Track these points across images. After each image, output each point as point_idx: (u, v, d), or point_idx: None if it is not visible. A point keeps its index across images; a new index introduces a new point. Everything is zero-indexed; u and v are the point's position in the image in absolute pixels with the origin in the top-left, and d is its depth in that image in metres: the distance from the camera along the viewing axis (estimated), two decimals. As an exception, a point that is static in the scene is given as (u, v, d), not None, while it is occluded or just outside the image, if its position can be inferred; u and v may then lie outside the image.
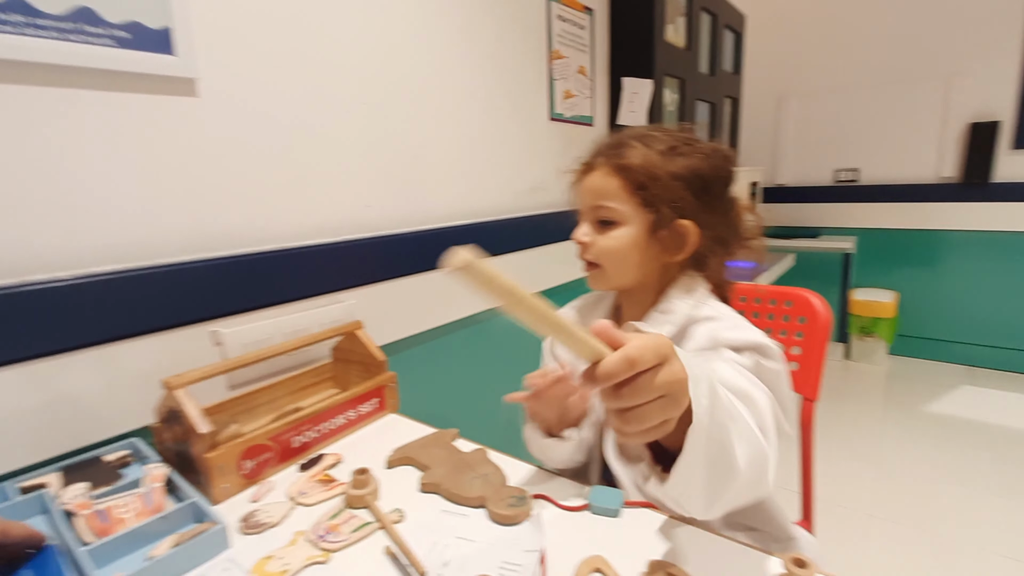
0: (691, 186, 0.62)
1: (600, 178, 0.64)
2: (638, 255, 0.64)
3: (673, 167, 0.62)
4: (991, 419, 2.19)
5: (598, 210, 0.65)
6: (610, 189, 0.63)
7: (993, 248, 2.57)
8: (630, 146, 0.63)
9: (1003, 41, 2.40)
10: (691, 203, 0.62)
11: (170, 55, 0.75)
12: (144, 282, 0.74)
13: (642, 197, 0.62)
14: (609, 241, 0.64)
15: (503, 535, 0.56)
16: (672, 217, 0.62)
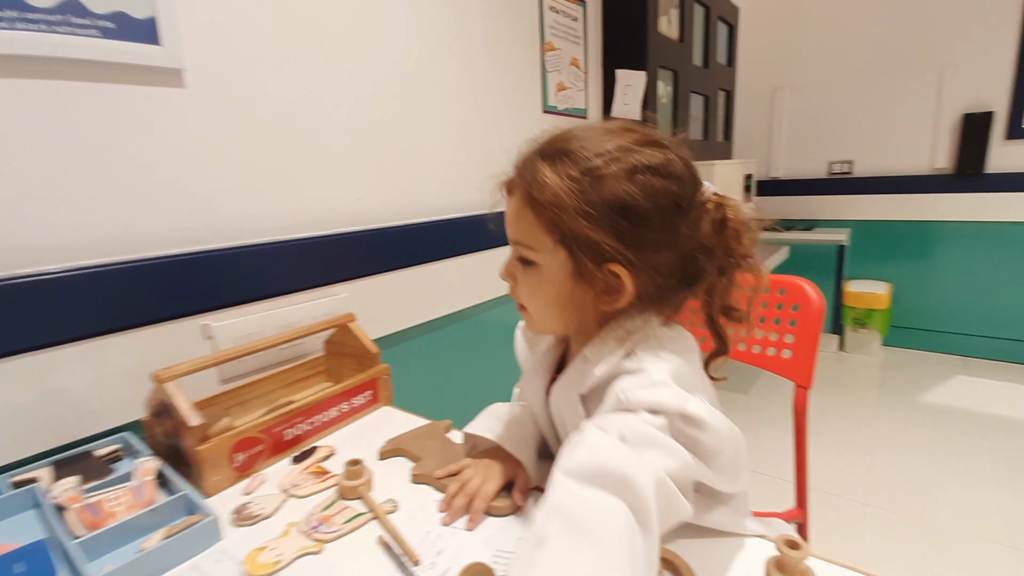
0: (613, 223, 0.47)
1: (515, 207, 0.52)
2: (561, 302, 0.53)
3: (588, 199, 0.47)
4: (985, 408, 2.21)
5: (516, 246, 0.54)
6: (523, 224, 0.51)
7: (986, 238, 2.58)
8: (542, 169, 0.49)
9: (997, 31, 2.40)
10: (613, 245, 0.47)
11: (156, 45, 0.74)
12: (134, 275, 0.73)
13: (558, 236, 0.49)
14: (528, 287, 0.54)
15: (496, 524, 0.56)
16: (596, 262, 0.48)
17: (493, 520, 0.57)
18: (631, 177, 0.47)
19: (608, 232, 0.47)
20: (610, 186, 0.47)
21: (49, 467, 0.64)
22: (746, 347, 0.90)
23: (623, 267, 0.48)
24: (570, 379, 0.55)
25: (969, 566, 1.39)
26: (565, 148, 0.49)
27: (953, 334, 2.75)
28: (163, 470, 0.63)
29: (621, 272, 0.48)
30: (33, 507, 0.61)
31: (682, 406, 0.42)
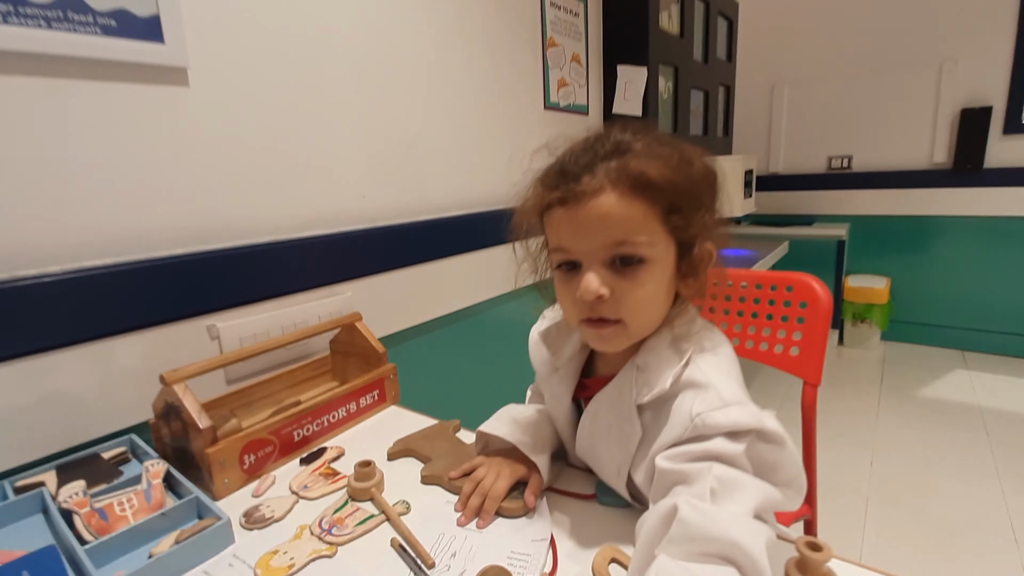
0: (706, 197, 0.50)
1: (617, 204, 0.46)
2: (664, 297, 0.51)
3: (693, 175, 0.49)
4: (985, 402, 2.22)
5: (619, 247, 0.47)
6: (635, 217, 0.47)
7: (985, 233, 2.59)
8: (634, 154, 0.47)
9: (995, 26, 2.40)
10: (707, 217, 0.49)
11: (159, 43, 0.73)
12: (138, 276, 0.73)
13: (673, 223, 0.48)
14: (639, 290, 0.48)
15: (510, 525, 0.56)
16: (694, 240, 0.49)
17: (506, 521, 0.56)
18: (699, 160, 0.50)
19: (708, 208, 0.50)
20: (696, 168, 0.49)
21: (53, 471, 0.64)
22: (753, 344, 0.90)
23: (711, 242, 0.50)
24: (622, 389, 0.53)
25: (971, 559, 1.40)
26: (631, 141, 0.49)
27: (952, 328, 2.76)
28: (171, 472, 0.62)
29: (711, 247, 0.50)
30: (38, 512, 0.60)
31: (760, 423, 0.43)
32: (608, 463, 0.56)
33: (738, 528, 0.38)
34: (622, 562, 0.45)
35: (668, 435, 0.46)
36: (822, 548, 0.40)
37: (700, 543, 0.38)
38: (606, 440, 0.55)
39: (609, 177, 0.47)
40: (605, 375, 0.57)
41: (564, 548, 0.52)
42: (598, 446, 0.57)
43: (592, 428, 0.57)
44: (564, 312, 0.54)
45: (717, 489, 0.41)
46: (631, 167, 0.47)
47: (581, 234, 0.48)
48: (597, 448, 0.58)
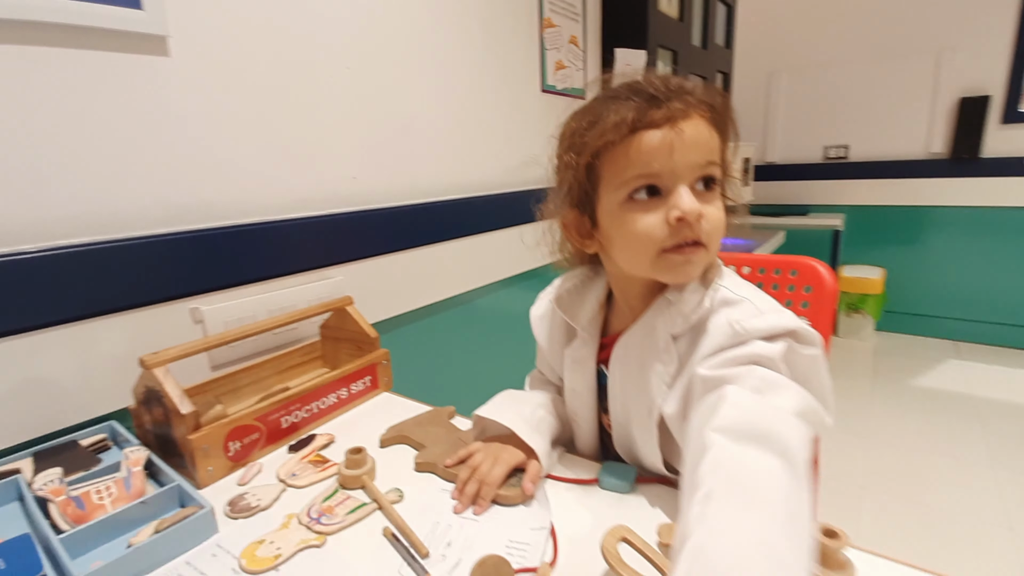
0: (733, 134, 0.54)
1: (704, 127, 0.50)
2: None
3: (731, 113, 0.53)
4: (977, 392, 2.22)
5: (706, 168, 0.50)
6: (714, 143, 0.51)
7: (980, 224, 2.59)
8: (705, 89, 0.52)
9: (994, 15, 2.38)
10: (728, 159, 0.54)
11: (136, 9, 0.69)
12: (118, 255, 0.69)
13: (722, 153, 0.52)
14: (718, 211, 0.51)
15: (508, 514, 0.53)
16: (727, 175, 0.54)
17: (503, 509, 0.54)
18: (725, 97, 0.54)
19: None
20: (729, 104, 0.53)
21: (30, 458, 0.61)
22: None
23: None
24: (654, 324, 0.54)
25: (965, 547, 1.40)
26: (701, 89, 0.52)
27: (945, 319, 2.77)
28: (153, 460, 0.59)
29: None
30: (14, 500, 0.57)
31: (796, 324, 0.47)
32: (639, 407, 0.55)
33: (782, 422, 0.39)
34: (633, 543, 0.43)
35: (707, 346, 0.49)
36: (838, 535, 0.38)
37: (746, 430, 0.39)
38: (638, 380, 0.55)
39: (693, 103, 0.50)
40: (622, 327, 0.58)
41: (566, 535, 0.49)
42: (629, 389, 0.56)
43: (623, 372, 0.57)
44: (637, 245, 0.51)
45: (761, 387, 0.43)
46: (710, 98, 0.51)
47: (679, 153, 0.48)
48: (628, 392, 0.56)
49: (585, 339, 0.61)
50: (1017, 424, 1.96)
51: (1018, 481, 1.64)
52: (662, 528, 0.46)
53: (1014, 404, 2.11)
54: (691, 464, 0.39)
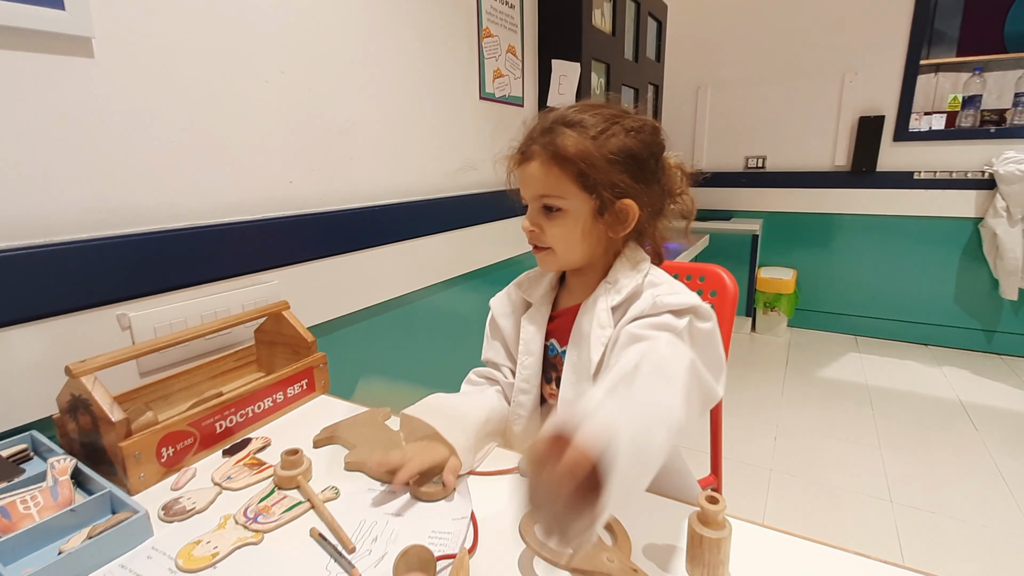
0: (627, 167, 0.63)
1: (539, 168, 0.64)
2: (585, 237, 0.66)
3: (607, 150, 0.62)
4: (872, 382, 2.49)
5: (542, 199, 0.66)
6: (551, 179, 0.64)
7: (878, 230, 2.88)
8: (562, 133, 0.63)
9: (889, 43, 2.66)
10: (628, 183, 0.63)
11: (58, 9, 0.67)
12: (39, 261, 0.68)
13: (582, 183, 0.63)
14: (556, 228, 0.66)
15: (431, 508, 0.57)
16: (613, 199, 0.63)
17: (427, 505, 0.58)
18: (628, 134, 0.64)
19: (623, 174, 0.63)
20: (619, 141, 0.63)
21: (-57, 472, 0.59)
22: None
23: (632, 199, 0.64)
24: (597, 299, 0.67)
25: (854, 518, 1.58)
26: (577, 118, 0.64)
27: (848, 316, 3.06)
28: (80, 468, 0.59)
29: (631, 204, 0.64)
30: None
31: (698, 302, 0.62)
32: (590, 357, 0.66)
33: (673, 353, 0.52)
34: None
35: (634, 311, 0.63)
36: (718, 501, 0.45)
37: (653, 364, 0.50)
38: (589, 339, 0.67)
39: (541, 144, 0.65)
40: (569, 306, 0.72)
41: (491, 523, 0.55)
42: (582, 344, 0.68)
43: (579, 331, 0.69)
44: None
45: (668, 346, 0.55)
46: (555, 141, 0.63)
47: (523, 186, 0.68)
48: (582, 346, 0.68)
49: (538, 306, 0.75)
50: (902, 409, 2.22)
51: (899, 459, 1.87)
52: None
53: (900, 391, 2.38)
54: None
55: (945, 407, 2.23)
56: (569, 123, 0.64)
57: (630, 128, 0.64)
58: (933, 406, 2.25)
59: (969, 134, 2.62)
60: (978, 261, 2.66)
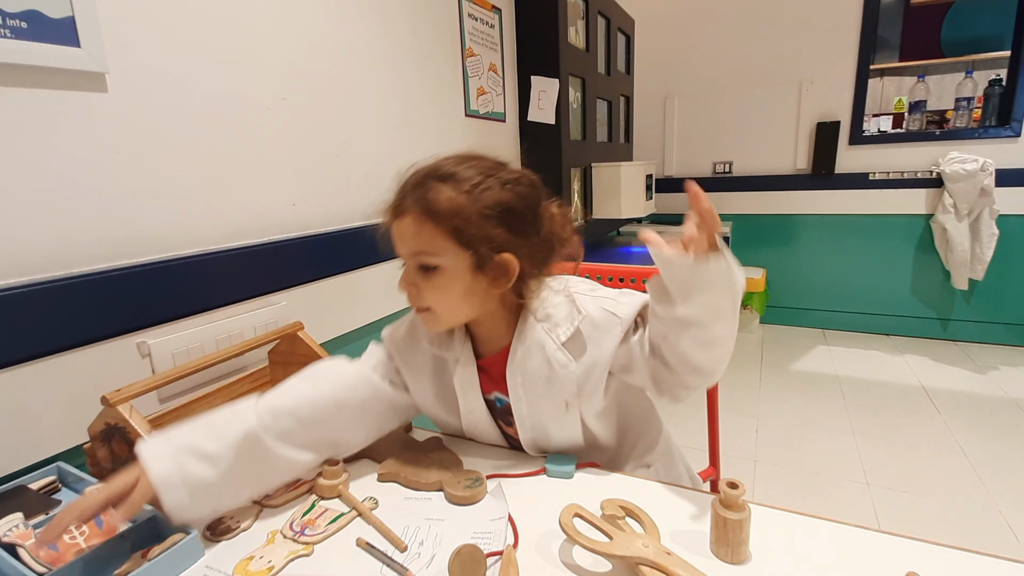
0: (503, 221, 0.60)
1: (412, 225, 0.60)
2: (466, 294, 0.63)
3: (482, 205, 0.59)
4: (841, 372, 2.62)
5: (417, 256, 0.61)
6: (424, 236, 0.60)
7: (838, 229, 3.05)
8: (435, 189, 0.60)
9: (842, 52, 2.83)
10: (506, 237, 0.60)
11: (75, 47, 0.69)
12: (58, 295, 0.69)
13: (458, 239, 0.59)
14: (434, 288, 0.62)
15: (468, 511, 0.61)
16: (491, 254, 0.60)
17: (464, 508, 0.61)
18: (504, 188, 0.61)
19: (500, 229, 0.60)
20: (494, 195, 0.60)
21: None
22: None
23: (511, 254, 0.61)
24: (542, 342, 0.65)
25: (835, 501, 1.68)
26: (448, 172, 0.61)
27: (815, 310, 3.22)
28: (121, 496, 0.60)
29: (510, 259, 0.62)
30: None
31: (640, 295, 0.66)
32: (553, 408, 0.66)
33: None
34: (585, 517, 0.53)
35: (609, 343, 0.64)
36: (738, 486, 0.50)
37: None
38: (547, 388, 0.65)
39: (413, 200, 0.61)
40: (491, 353, 0.69)
41: (525, 520, 0.59)
42: (537, 400, 0.66)
43: (527, 388, 0.66)
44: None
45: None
46: (427, 196, 0.60)
47: (397, 243, 0.64)
48: (537, 403, 0.66)
49: (464, 363, 0.69)
50: (870, 396, 2.35)
51: (871, 443, 1.98)
52: (604, 502, 0.57)
53: (868, 380, 2.52)
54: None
55: (909, 393, 2.38)
56: (442, 177, 0.60)
57: (506, 181, 0.61)
58: (898, 392, 2.39)
59: (917, 137, 2.80)
60: (931, 254, 2.84)
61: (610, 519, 0.55)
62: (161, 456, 0.56)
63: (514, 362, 0.66)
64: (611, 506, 0.56)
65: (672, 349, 0.59)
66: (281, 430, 0.62)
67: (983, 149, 2.63)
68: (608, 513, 0.55)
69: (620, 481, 0.65)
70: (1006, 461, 1.83)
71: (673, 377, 0.62)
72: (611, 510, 0.55)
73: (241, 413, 0.62)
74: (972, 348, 2.82)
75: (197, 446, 0.58)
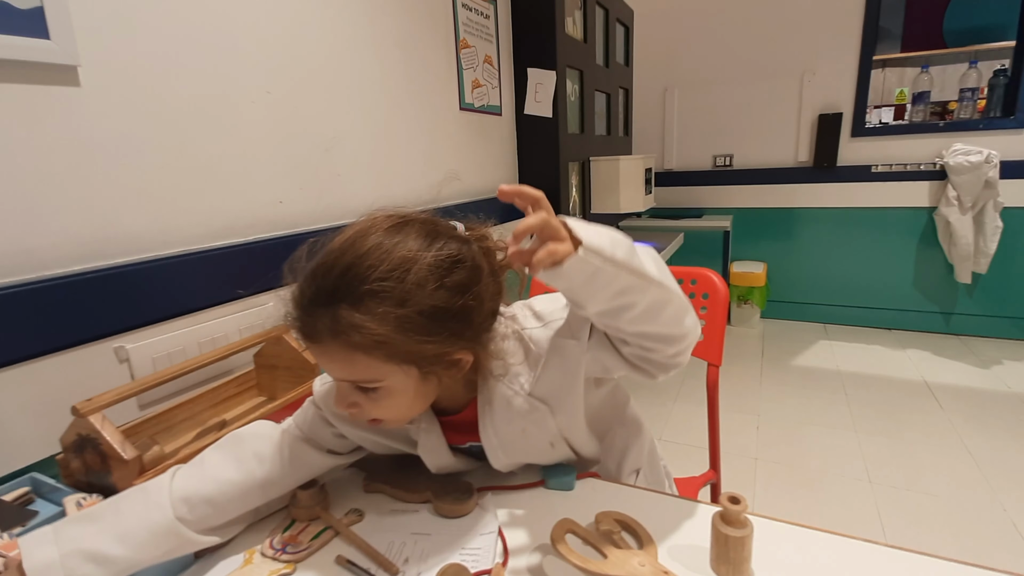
0: (444, 325, 0.49)
1: (336, 353, 0.49)
2: (418, 396, 0.55)
3: (414, 324, 0.48)
4: (843, 367, 2.60)
5: (354, 382, 0.52)
6: (357, 367, 0.50)
7: (840, 222, 3.01)
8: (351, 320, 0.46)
9: (844, 43, 2.78)
10: (448, 340, 0.50)
11: (44, 39, 0.66)
12: (29, 299, 0.66)
13: (397, 360, 0.50)
14: (380, 407, 0.53)
15: (458, 525, 0.58)
16: (437, 360, 0.52)
17: (453, 521, 0.59)
18: (439, 285, 0.49)
19: (441, 337, 0.49)
20: (426, 302, 0.48)
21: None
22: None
23: (461, 350, 0.52)
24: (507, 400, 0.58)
25: (838, 500, 1.65)
26: (362, 286, 0.47)
27: (816, 305, 3.19)
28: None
29: (461, 355, 0.53)
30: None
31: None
32: (539, 448, 0.62)
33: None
34: (578, 533, 0.50)
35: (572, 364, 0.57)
36: (740, 501, 0.47)
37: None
38: (524, 439, 0.61)
39: (329, 330, 0.48)
40: (455, 408, 0.62)
41: (517, 536, 0.56)
42: (520, 450, 0.62)
43: (502, 442, 0.60)
44: None
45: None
46: (343, 327, 0.47)
47: (323, 366, 0.53)
48: (519, 451, 0.62)
49: (427, 430, 0.62)
50: (872, 392, 2.33)
51: (873, 440, 1.96)
52: (600, 515, 0.54)
53: (870, 375, 2.50)
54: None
55: (912, 388, 2.35)
56: (358, 295, 0.47)
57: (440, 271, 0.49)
58: (900, 388, 2.36)
59: (920, 128, 2.76)
60: (934, 248, 2.81)
61: (605, 534, 0.52)
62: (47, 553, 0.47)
63: (486, 427, 0.60)
64: (607, 520, 0.53)
65: (622, 333, 0.53)
66: (198, 519, 0.53)
67: (987, 141, 2.59)
68: (603, 528, 0.52)
69: (617, 491, 0.63)
70: (1010, 457, 1.80)
71: (646, 352, 0.54)
72: (607, 524, 0.53)
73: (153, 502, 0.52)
74: (975, 342, 2.79)
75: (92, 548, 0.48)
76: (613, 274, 0.45)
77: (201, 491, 0.54)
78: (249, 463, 0.58)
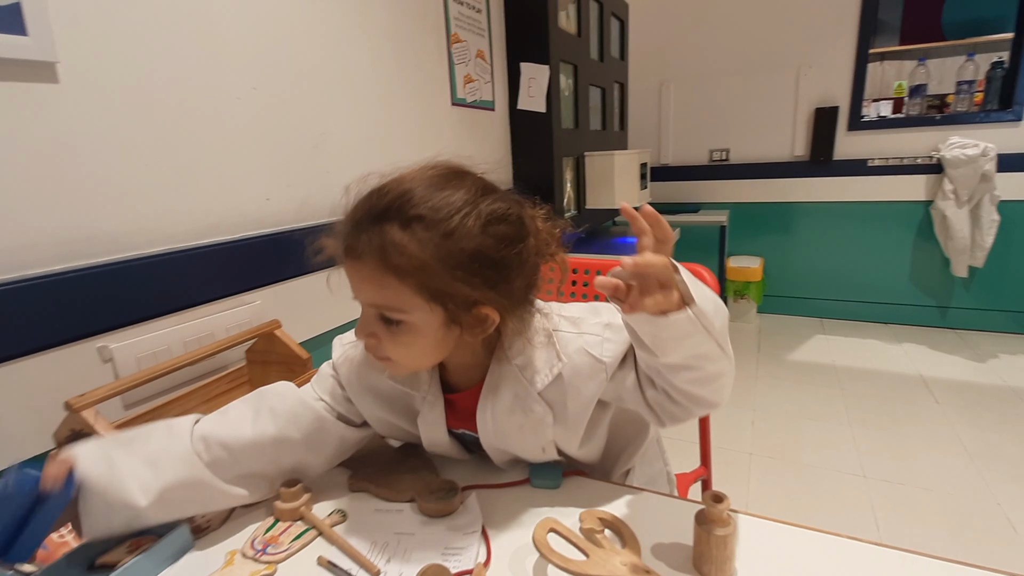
0: (481, 272, 0.50)
1: (371, 275, 0.50)
2: (437, 346, 0.55)
3: (455, 260, 0.49)
4: (839, 362, 2.60)
5: (379, 308, 0.52)
6: (387, 292, 0.50)
7: (837, 216, 3.00)
8: (397, 237, 0.48)
9: (840, 37, 2.77)
10: (483, 289, 0.51)
11: (21, 35, 0.65)
12: (10, 298, 0.65)
13: (427, 295, 0.50)
14: (398, 344, 0.53)
15: (442, 524, 0.58)
16: (466, 308, 0.52)
17: (437, 520, 0.58)
18: (485, 231, 0.50)
19: (476, 282, 0.50)
20: (469, 242, 0.49)
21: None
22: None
23: (490, 306, 0.52)
24: (514, 389, 0.58)
25: (832, 495, 1.66)
26: (413, 213, 0.49)
27: (813, 299, 3.18)
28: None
29: (489, 311, 0.53)
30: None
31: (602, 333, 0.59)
32: (527, 448, 0.62)
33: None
34: (560, 532, 0.50)
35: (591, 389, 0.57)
36: (723, 499, 0.47)
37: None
38: (520, 434, 0.60)
39: (371, 245, 0.49)
40: (463, 387, 0.62)
41: (501, 535, 0.56)
42: (513, 442, 0.62)
43: (498, 429, 0.60)
44: None
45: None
46: (386, 248, 0.48)
47: (354, 288, 0.54)
48: (512, 443, 0.62)
49: (432, 403, 0.62)
50: (867, 386, 2.33)
51: (868, 435, 1.96)
52: (583, 514, 0.54)
53: (865, 369, 2.50)
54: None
55: (907, 382, 2.35)
56: (407, 219, 0.49)
57: (487, 220, 0.50)
58: (896, 382, 2.36)
59: (916, 122, 2.75)
60: (930, 242, 2.80)
61: (588, 533, 0.52)
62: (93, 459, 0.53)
63: (485, 409, 0.60)
64: (590, 519, 0.53)
65: (669, 386, 0.53)
66: (213, 460, 0.57)
67: (984, 134, 2.58)
68: (586, 527, 0.52)
69: (604, 490, 0.62)
70: (1004, 451, 1.81)
71: (676, 408, 0.56)
72: (590, 523, 0.52)
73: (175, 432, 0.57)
74: (971, 336, 2.80)
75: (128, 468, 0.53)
76: (704, 340, 0.47)
77: (217, 433, 0.58)
78: (263, 416, 0.61)
